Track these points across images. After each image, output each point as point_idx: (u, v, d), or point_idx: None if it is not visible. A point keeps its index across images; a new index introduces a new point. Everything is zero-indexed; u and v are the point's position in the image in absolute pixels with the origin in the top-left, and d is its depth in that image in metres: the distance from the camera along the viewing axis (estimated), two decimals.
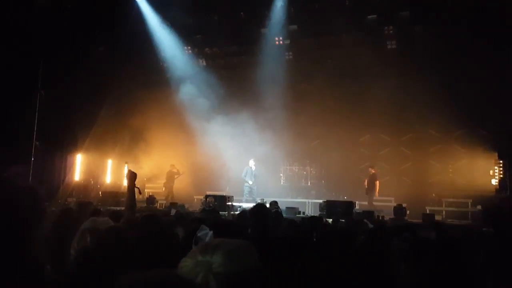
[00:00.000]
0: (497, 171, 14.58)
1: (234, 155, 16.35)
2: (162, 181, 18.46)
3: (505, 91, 13.18)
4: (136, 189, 4.67)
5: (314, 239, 4.35)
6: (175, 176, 17.37)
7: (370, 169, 15.55)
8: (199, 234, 3.01)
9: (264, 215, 3.77)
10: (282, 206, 12.63)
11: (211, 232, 2.97)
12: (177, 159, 17.64)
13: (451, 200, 14.52)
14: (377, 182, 15.17)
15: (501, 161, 14.27)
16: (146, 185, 18.70)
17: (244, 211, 4.93)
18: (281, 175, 18.58)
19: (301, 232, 3.98)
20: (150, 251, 3.04)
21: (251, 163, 15.88)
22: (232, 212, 12.49)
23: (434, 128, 15.98)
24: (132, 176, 4.34)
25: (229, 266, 1.23)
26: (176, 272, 1.12)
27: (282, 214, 8.82)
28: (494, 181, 14.55)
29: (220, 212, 10.22)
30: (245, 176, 15.80)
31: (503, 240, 3.27)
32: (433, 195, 15.38)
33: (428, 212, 13.29)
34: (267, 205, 9.64)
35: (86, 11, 15.08)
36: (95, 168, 17.77)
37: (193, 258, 1.26)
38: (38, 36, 14.93)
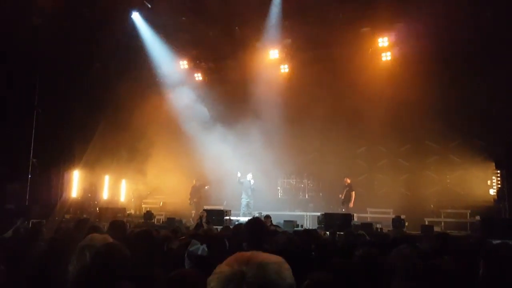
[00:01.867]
0: (494, 181, 14.59)
1: (231, 169, 16.32)
2: (161, 196, 18.42)
3: (501, 101, 13.26)
4: None
5: (312, 253, 4.33)
6: (201, 190, 17.15)
7: (346, 179, 15.65)
8: (190, 249, 3.00)
9: (260, 229, 3.74)
10: (280, 220, 12.63)
11: (202, 247, 2.97)
12: (175, 174, 17.56)
13: (449, 211, 14.49)
14: (353, 193, 15.28)
15: (498, 171, 14.26)
16: (144, 201, 18.68)
17: (239, 225, 4.91)
18: (279, 188, 18.55)
19: (297, 246, 3.95)
20: (145, 266, 3.04)
21: (249, 176, 15.87)
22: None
23: (431, 139, 16.02)
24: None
25: (262, 278, 1.22)
26: None
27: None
28: (492, 191, 14.55)
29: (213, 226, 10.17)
30: (240, 178, 15.67)
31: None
32: (431, 206, 15.36)
33: (427, 223, 13.24)
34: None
35: (83, 28, 15.18)
36: (92, 184, 17.71)
37: (230, 266, 1.26)
38: (34, 54, 14.99)
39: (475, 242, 5.00)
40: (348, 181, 15.65)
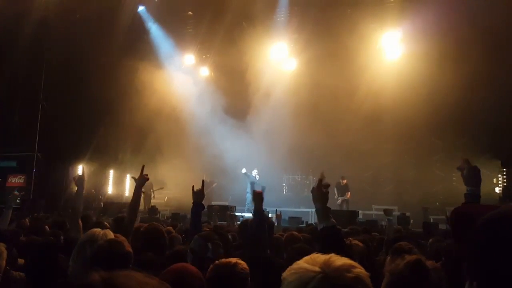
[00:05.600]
0: (500, 179, 14.49)
1: (236, 164, 16.29)
2: (166, 191, 18.38)
3: (508, 99, 13.14)
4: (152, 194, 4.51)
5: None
6: (209, 187, 17.17)
7: (343, 180, 15.59)
8: (192, 246, 2.98)
9: (270, 226, 3.69)
10: (285, 216, 12.58)
11: (205, 243, 2.94)
12: (180, 169, 17.52)
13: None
14: (349, 193, 15.27)
15: (504, 169, 14.18)
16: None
17: (245, 221, 4.86)
18: (284, 184, 18.50)
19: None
20: (150, 262, 3.00)
21: (255, 172, 15.84)
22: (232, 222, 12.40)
23: (437, 136, 15.91)
24: (143, 182, 4.17)
25: (343, 282, 1.22)
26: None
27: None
28: (498, 189, 14.45)
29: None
30: (246, 172, 15.63)
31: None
32: (437, 203, 15.27)
33: (432, 221, 13.15)
34: (270, 215, 9.55)
35: (90, 23, 15.17)
36: (97, 179, 17.73)
37: (311, 265, 1.27)
38: (41, 48, 14.99)
39: None
40: (345, 181, 15.67)
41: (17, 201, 15.72)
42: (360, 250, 3.33)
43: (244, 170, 15.61)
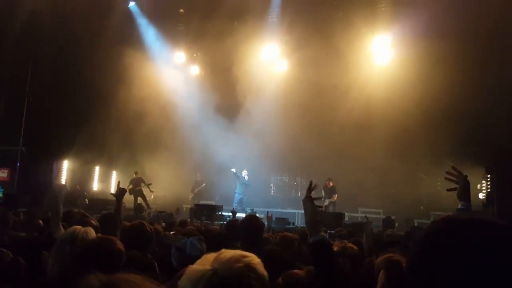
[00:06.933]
0: (484, 185, 14.65)
1: (224, 164, 16.24)
2: (152, 189, 18.21)
3: (493, 105, 13.29)
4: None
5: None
6: (199, 186, 17.11)
7: (330, 182, 15.61)
8: (177, 244, 2.97)
9: (257, 227, 3.66)
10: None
11: (190, 240, 2.93)
12: (167, 168, 17.41)
13: (439, 213, 14.49)
14: (336, 195, 15.33)
15: (488, 176, 14.32)
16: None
17: (233, 221, 4.84)
18: (272, 185, 18.50)
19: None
20: (136, 261, 2.96)
21: (244, 173, 15.83)
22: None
23: (423, 141, 16.02)
24: (122, 193, 4.09)
25: (233, 272, 1.23)
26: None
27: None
28: (482, 195, 14.61)
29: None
30: (236, 172, 15.61)
31: None
32: (422, 208, 15.40)
33: (416, 224, 13.27)
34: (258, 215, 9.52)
35: (79, 17, 15.00)
36: (82, 175, 17.52)
37: (200, 265, 1.27)
38: (27, 41, 14.79)
39: None
40: (331, 183, 15.68)
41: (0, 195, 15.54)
42: (354, 253, 3.34)
43: (233, 170, 15.59)
